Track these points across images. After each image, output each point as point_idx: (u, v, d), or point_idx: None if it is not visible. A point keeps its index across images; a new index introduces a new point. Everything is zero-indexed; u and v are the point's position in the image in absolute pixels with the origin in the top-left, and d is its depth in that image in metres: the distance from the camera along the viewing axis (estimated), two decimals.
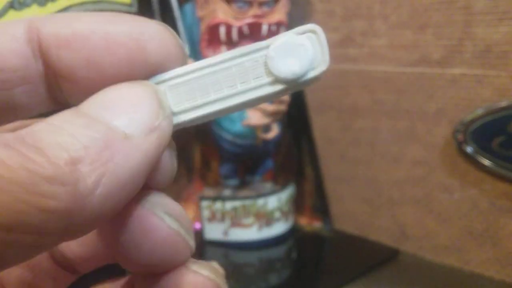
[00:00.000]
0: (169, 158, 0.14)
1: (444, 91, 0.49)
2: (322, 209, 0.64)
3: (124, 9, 0.48)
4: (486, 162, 0.46)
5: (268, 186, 0.62)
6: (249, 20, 0.51)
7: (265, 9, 0.52)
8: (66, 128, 0.11)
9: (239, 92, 0.15)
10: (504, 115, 0.44)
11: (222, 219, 0.59)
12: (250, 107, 0.16)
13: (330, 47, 0.15)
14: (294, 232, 0.62)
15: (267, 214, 0.59)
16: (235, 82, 0.15)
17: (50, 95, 0.14)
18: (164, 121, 0.13)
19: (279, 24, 0.53)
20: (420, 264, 0.54)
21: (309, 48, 0.15)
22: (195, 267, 0.15)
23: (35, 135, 0.11)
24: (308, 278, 0.53)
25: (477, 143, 0.47)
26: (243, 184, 0.62)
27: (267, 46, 0.15)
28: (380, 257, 0.55)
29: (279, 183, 0.63)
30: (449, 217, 0.51)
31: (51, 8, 0.42)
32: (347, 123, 0.59)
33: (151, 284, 0.14)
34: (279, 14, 0.53)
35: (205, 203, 0.59)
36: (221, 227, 0.59)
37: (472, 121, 0.46)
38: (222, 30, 0.51)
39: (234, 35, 0.52)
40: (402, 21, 0.50)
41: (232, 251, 0.58)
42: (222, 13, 0.51)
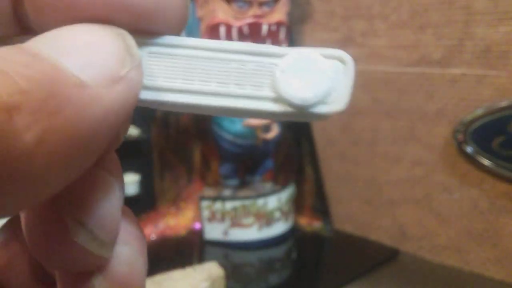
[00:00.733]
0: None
1: (444, 91, 0.49)
2: (322, 209, 0.64)
3: None
4: (486, 162, 0.46)
5: (268, 186, 0.62)
6: (249, 20, 0.51)
7: (265, 9, 0.52)
8: (0, 66, 0.09)
9: (228, 94, 0.12)
10: (504, 115, 0.44)
11: (222, 219, 0.59)
12: (234, 116, 0.13)
13: (330, 47, 0.12)
14: (294, 232, 0.62)
15: (267, 214, 0.59)
16: (228, 81, 0.12)
17: (16, 16, 0.12)
18: (133, 72, 0.10)
19: (279, 24, 0.53)
20: (420, 264, 0.54)
21: (329, 78, 0.12)
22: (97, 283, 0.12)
23: None
24: (308, 278, 0.53)
25: (477, 143, 0.47)
26: (243, 184, 0.62)
27: (281, 55, 0.12)
28: (380, 257, 0.55)
29: (279, 183, 0.63)
30: (449, 217, 0.51)
31: None
32: (347, 123, 0.59)
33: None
34: (279, 14, 0.53)
35: (205, 203, 0.59)
36: (221, 227, 0.59)
37: (472, 121, 0.46)
38: (222, 30, 0.51)
39: (234, 35, 0.52)
40: (402, 21, 0.50)
41: (232, 251, 0.58)
42: (222, 13, 0.51)
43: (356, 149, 0.59)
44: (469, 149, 0.47)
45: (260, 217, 0.58)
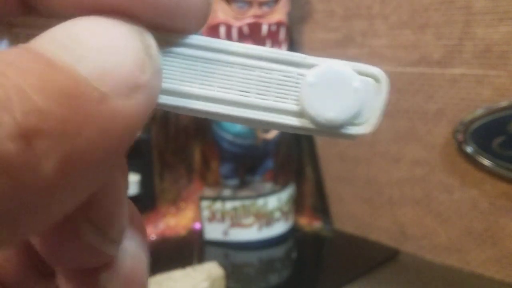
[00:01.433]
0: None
1: (444, 91, 0.49)
2: (322, 209, 0.64)
3: None
4: (486, 162, 0.46)
5: (268, 186, 0.62)
6: (249, 20, 0.51)
7: (265, 9, 0.52)
8: (12, 76, 0.07)
9: (249, 105, 0.11)
10: (504, 115, 0.44)
11: (222, 219, 0.59)
12: (252, 126, 0.12)
13: (330, 47, 0.11)
14: (294, 232, 0.62)
15: (267, 214, 0.59)
16: (250, 89, 0.11)
17: None
18: (153, 77, 0.09)
19: (279, 24, 0.53)
20: (420, 264, 0.54)
21: (360, 97, 0.11)
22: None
23: None
24: (308, 278, 0.53)
25: (477, 143, 0.47)
26: (243, 184, 0.62)
27: (310, 65, 0.11)
28: (380, 257, 0.55)
29: (279, 183, 0.63)
30: (449, 217, 0.51)
31: None
32: None
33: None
34: (279, 14, 0.53)
35: (205, 203, 0.59)
36: (221, 227, 0.59)
37: (472, 121, 0.46)
38: (222, 30, 0.51)
39: (234, 35, 0.52)
40: (402, 21, 0.50)
41: (232, 251, 0.58)
42: (222, 13, 0.51)
43: (356, 149, 0.59)
44: (469, 149, 0.47)
45: (260, 217, 0.58)
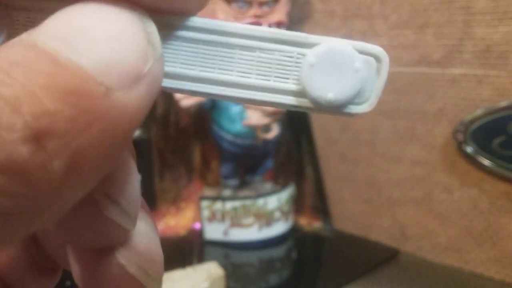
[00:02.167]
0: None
1: (444, 91, 0.49)
2: (322, 209, 0.64)
3: None
4: (486, 162, 0.46)
5: (268, 186, 0.62)
6: (249, 20, 0.51)
7: (265, 9, 0.52)
8: (18, 77, 0.07)
9: (249, 85, 0.11)
10: (504, 115, 0.44)
11: (222, 219, 0.59)
12: (253, 104, 0.12)
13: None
14: (294, 232, 0.62)
15: (267, 214, 0.59)
16: (251, 71, 0.11)
17: None
18: (155, 66, 0.09)
19: (279, 24, 0.53)
20: (420, 264, 0.54)
21: (361, 77, 0.11)
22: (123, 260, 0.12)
23: None
24: (308, 278, 0.53)
25: (477, 143, 0.47)
26: (243, 184, 0.62)
27: (311, 44, 0.11)
28: (380, 257, 0.55)
29: (279, 183, 0.63)
30: (449, 217, 0.51)
31: None
32: (347, 123, 0.58)
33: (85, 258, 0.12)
34: (279, 14, 0.53)
35: (205, 203, 0.59)
36: (221, 227, 0.59)
37: (472, 121, 0.46)
38: None
39: None
40: (402, 21, 0.50)
41: (232, 251, 0.58)
42: (222, 13, 0.51)
43: (356, 149, 0.59)
44: (469, 149, 0.47)
45: (260, 217, 0.58)
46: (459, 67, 0.47)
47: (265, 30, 0.11)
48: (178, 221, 0.62)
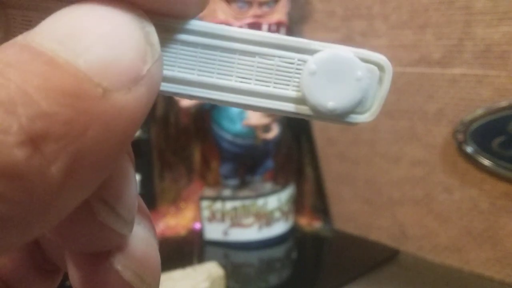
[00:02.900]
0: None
1: (444, 91, 0.49)
2: (322, 209, 0.64)
3: None
4: (486, 162, 0.46)
5: (268, 186, 0.62)
6: (249, 20, 0.51)
7: (265, 9, 0.52)
8: (14, 78, 0.07)
9: (249, 91, 0.11)
10: (504, 115, 0.44)
11: (222, 219, 0.59)
12: (252, 110, 0.12)
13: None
14: (294, 232, 0.62)
15: (267, 214, 0.59)
16: (250, 76, 0.11)
17: None
18: (154, 67, 0.09)
19: (279, 24, 0.53)
20: (420, 264, 0.54)
21: (363, 86, 0.11)
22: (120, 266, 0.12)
23: None
24: (308, 278, 0.53)
25: (477, 143, 0.47)
26: (243, 184, 0.62)
27: (312, 51, 0.11)
28: (380, 257, 0.55)
29: (279, 183, 0.63)
30: (449, 217, 0.51)
31: None
32: None
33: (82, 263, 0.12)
34: (279, 14, 0.53)
35: (205, 203, 0.59)
36: (221, 227, 0.59)
37: (472, 121, 0.46)
38: None
39: None
40: (402, 21, 0.50)
41: (232, 251, 0.58)
42: (222, 13, 0.51)
43: (356, 149, 0.59)
44: (469, 149, 0.47)
45: (260, 217, 0.58)
46: (459, 67, 0.47)
47: (266, 35, 0.11)
48: (178, 221, 0.62)
